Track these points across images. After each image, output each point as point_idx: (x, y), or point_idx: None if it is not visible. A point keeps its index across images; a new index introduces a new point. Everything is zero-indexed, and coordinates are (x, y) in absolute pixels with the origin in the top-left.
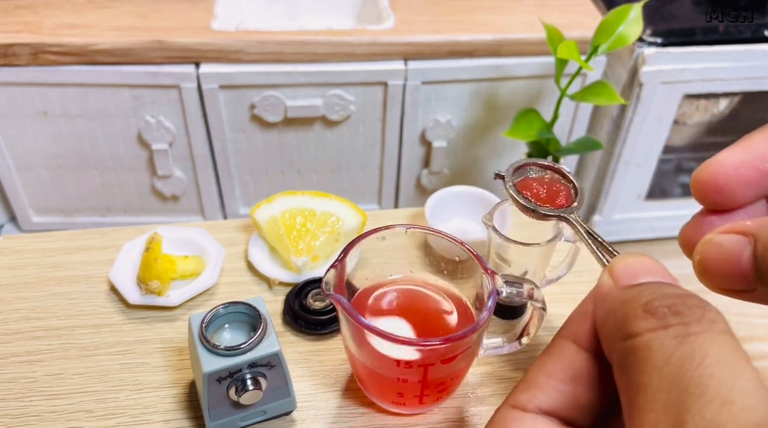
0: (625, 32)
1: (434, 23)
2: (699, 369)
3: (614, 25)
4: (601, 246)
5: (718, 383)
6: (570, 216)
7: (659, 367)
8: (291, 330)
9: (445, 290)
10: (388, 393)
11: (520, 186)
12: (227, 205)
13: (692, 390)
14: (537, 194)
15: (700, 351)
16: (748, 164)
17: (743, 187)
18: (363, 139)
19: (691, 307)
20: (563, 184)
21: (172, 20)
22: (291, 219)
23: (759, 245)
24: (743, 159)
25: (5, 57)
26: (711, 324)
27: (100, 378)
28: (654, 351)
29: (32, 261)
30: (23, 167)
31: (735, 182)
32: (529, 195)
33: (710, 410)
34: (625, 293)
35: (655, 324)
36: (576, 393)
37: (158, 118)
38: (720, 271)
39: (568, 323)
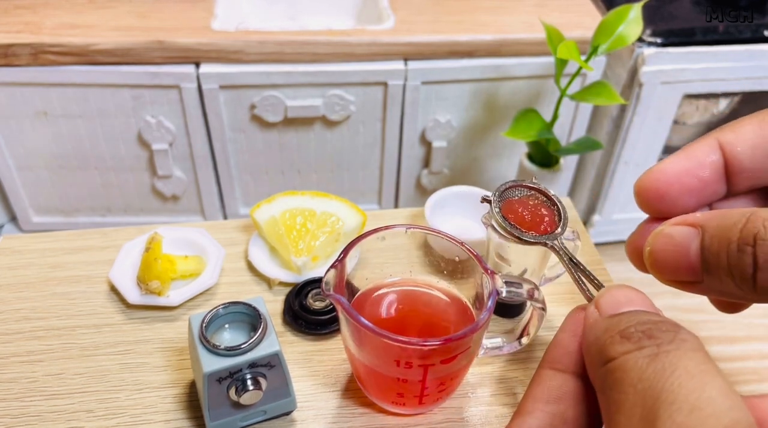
0: (624, 32)
1: (434, 23)
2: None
3: (614, 25)
4: (583, 273)
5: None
6: (554, 243)
7: (634, 384)
8: (291, 330)
9: (445, 290)
10: (388, 393)
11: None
12: (227, 205)
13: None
14: (521, 218)
15: (670, 366)
16: (689, 173)
17: (685, 195)
18: (363, 139)
19: (665, 331)
20: (548, 207)
21: (172, 20)
22: (291, 220)
23: (706, 236)
24: (685, 167)
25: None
26: (682, 343)
27: (100, 378)
28: (629, 371)
29: (32, 262)
30: (23, 167)
31: (677, 190)
32: (513, 219)
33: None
34: (607, 322)
35: (630, 347)
36: (561, 411)
37: (158, 118)
38: (669, 262)
39: (545, 354)
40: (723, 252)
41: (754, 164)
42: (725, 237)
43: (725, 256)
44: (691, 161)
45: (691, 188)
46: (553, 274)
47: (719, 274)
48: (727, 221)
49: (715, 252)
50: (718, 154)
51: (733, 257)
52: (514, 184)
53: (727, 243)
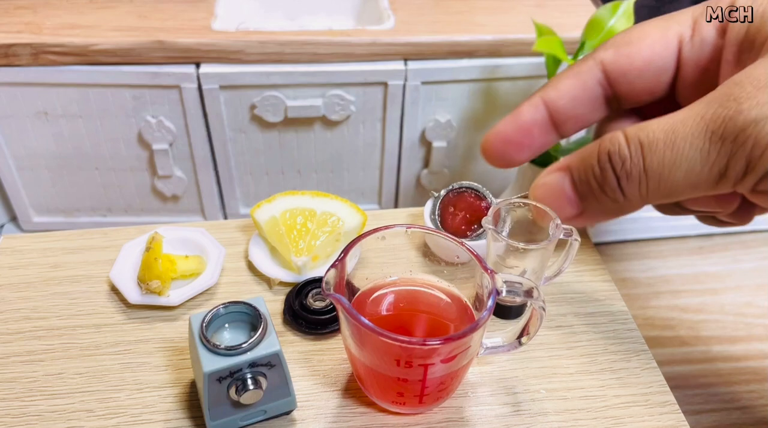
0: (614, 27)
1: (434, 23)
2: None
3: (604, 20)
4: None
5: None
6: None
7: None
8: (291, 329)
9: (445, 290)
10: (388, 393)
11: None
12: (227, 205)
13: None
14: (466, 219)
15: None
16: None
17: (517, 151)
18: (363, 139)
19: None
20: (476, 198)
21: (173, 20)
22: (291, 219)
23: (574, 172)
24: (513, 128)
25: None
26: None
27: (100, 377)
28: None
29: (33, 261)
30: (24, 167)
31: (512, 148)
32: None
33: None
34: None
35: None
36: None
37: (159, 118)
38: (552, 204)
39: None
40: (590, 177)
41: (575, 112)
42: (588, 165)
43: (593, 179)
44: (516, 123)
45: (523, 145)
46: (552, 273)
47: (593, 197)
48: (584, 154)
49: (585, 181)
50: (542, 111)
51: (598, 177)
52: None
53: (591, 169)
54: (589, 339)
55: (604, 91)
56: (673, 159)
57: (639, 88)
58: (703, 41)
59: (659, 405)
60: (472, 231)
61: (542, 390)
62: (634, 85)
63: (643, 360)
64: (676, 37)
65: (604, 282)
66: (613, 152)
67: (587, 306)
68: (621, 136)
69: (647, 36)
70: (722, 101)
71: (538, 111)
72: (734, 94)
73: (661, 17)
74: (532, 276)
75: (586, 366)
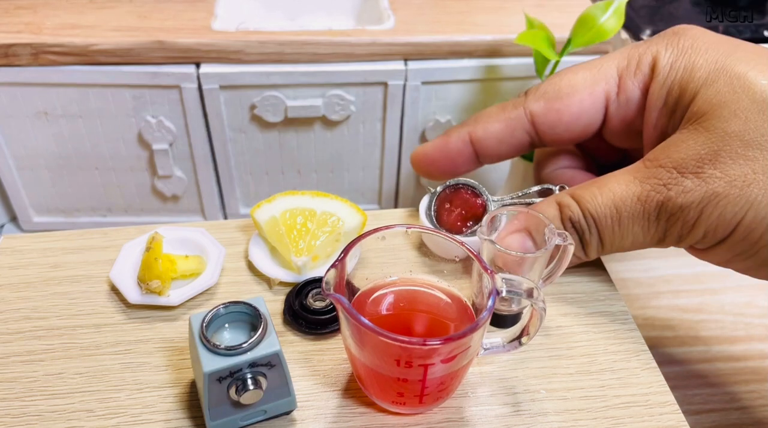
0: (604, 25)
1: (434, 23)
2: None
3: (595, 18)
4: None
5: None
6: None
7: None
8: (291, 329)
9: (445, 290)
10: (388, 393)
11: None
12: (227, 205)
13: None
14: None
15: None
16: (445, 157)
17: (440, 172)
18: (363, 139)
19: None
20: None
21: (173, 20)
22: (291, 219)
23: (535, 236)
24: (439, 154)
25: (6, 57)
26: None
27: (100, 377)
28: None
29: (33, 261)
30: (24, 167)
31: (435, 169)
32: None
33: None
34: None
35: None
36: None
37: (159, 118)
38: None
39: None
40: None
41: (499, 151)
42: None
43: None
44: (446, 150)
45: (447, 168)
46: (546, 275)
47: None
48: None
49: None
50: (468, 146)
51: None
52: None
53: None
54: (589, 339)
55: (530, 137)
56: (621, 233)
57: (565, 138)
58: (628, 100)
59: (659, 405)
60: (467, 228)
61: (542, 391)
62: (561, 136)
63: (643, 360)
64: (603, 94)
65: (604, 282)
66: (574, 220)
67: (587, 306)
68: (576, 206)
69: (576, 92)
70: (654, 185)
71: (465, 145)
72: (663, 179)
73: (589, 66)
74: None
75: (586, 366)
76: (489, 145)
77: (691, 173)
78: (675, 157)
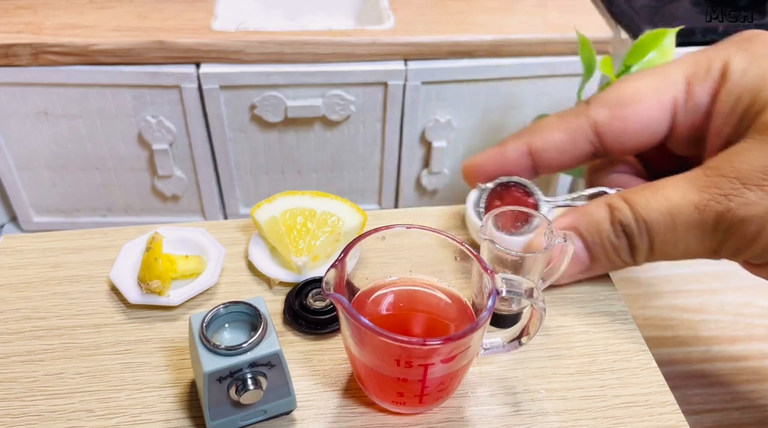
0: (655, 59)
1: (434, 23)
2: None
3: (647, 48)
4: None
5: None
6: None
7: None
8: (291, 329)
9: (445, 290)
10: (388, 393)
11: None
12: (227, 205)
13: None
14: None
15: None
16: (500, 170)
17: (489, 178)
18: (363, 139)
19: None
20: (523, 194)
21: (173, 20)
22: (291, 219)
23: (585, 233)
24: (495, 165)
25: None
26: None
27: (100, 377)
28: None
29: (33, 261)
30: (24, 167)
31: (485, 176)
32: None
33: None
34: None
35: None
36: None
37: (159, 118)
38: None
39: None
40: (606, 242)
41: (559, 162)
42: (603, 229)
43: (608, 244)
44: (502, 161)
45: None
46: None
47: (606, 258)
48: (594, 217)
49: (599, 243)
50: (526, 157)
51: (614, 243)
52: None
53: (607, 234)
54: (589, 339)
55: (593, 147)
56: (674, 241)
57: (631, 147)
58: (696, 106)
59: (659, 405)
60: (516, 228)
61: (542, 390)
62: (626, 145)
63: (643, 360)
64: (670, 100)
65: (604, 282)
66: (625, 224)
67: (587, 306)
68: (628, 210)
69: (642, 98)
70: (714, 195)
71: (523, 156)
72: (724, 189)
73: (652, 72)
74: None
75: (586, 366)
76: (549, 156)
77: (755, 185)
78: (739, 167)
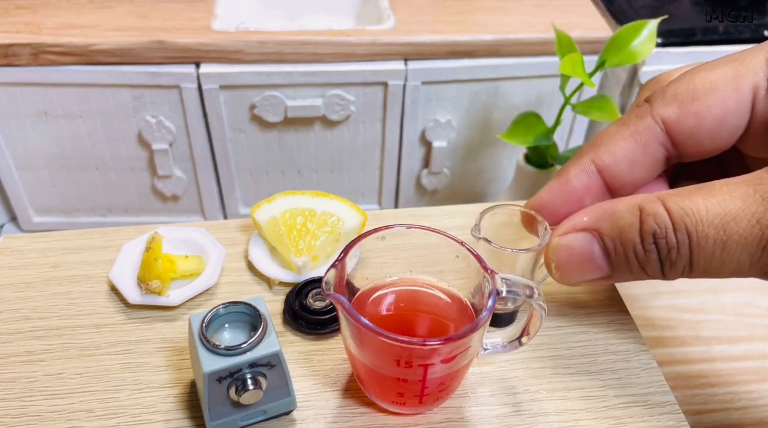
0: (636, 49)
1: (434, 23)
2: None
3: (626, 40)
4: None
5: None
6: None
7: None
8: (291, 330)
9: (445, 290)
10: (388, 393)
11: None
12: (227, 205)
13: None
14: None
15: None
16: (568, 203)
17: (561, 218)
18: (363, 139)
19: None
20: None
21: (173, 20)
22: (291, 219)
23: (606, 239)
24: (562, 198)
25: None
26: None
27: (100, 377)
28: None
29: (33, 261)
30: (24, 167)
31: (561, 216)
32: None
33: None
34: None
35: None
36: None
37: (159, 118)
38: (576, 270)
39: None
40: (630, 253)
41: (632, 177)
42: (628, 239)
43: (633, 256)
44: (568, 190)
45: (565, 214)
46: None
47: (629, 269)
48: (621, 222)
49: (623, 254)
50: (596, 178)
51: (641, 257)
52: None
53: (632, 246)
54: (589, 339)
55: (666, 152)
56: (722, 259)
57: (708, 148)
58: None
59: (659, 406)
60: None
61: (542, 391)
62: (702, 145)
63: (643, 361)
64: (750, 89)
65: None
66: (659, 236)
67: (587, 306)
68: (665, 216)
69: (716, 90)
70: None
71: (591, 178)
72: None
73: (728, 60)
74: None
75: (586, 366)
76: (620, 170)
77: None
78: None
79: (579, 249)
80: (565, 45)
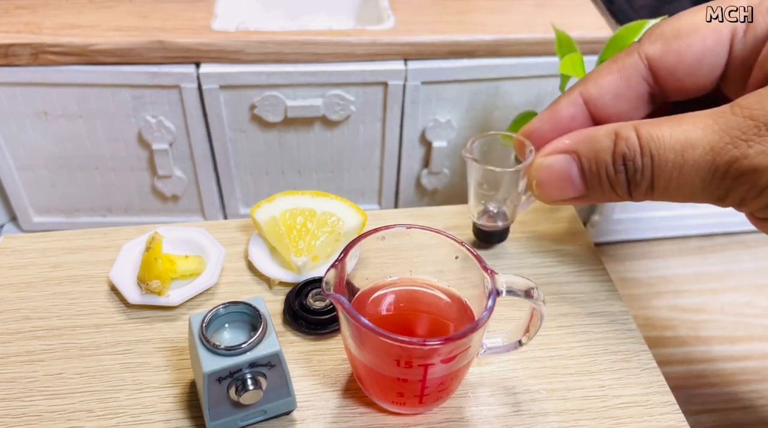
0: None
1: (434, 23)
2: None
3: (626, 40)
4: None
5: None
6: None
7: None
8: (291, 330)
9: (445, 290)
10: (388, 393)
11: None
12: (227, 205)
13: None
14: None
15: None
16: (555, 131)
17: None
18: (363, 139)
19: None
20: None
21: (173, 20)
22: (291, 219)
23: (583, 160)
24: (550, 126)
25: (5, 57)
26: None
27: (100, 377)
28: None
29: (33, 261)
30: (24, 167)
31: (543, 143)
32: None
33: None
34: None
35: None
36: None
37: (159, 118)
38: (555, 188)
39: None
40: (602, 173)
41: (617, 110)
42: (601, 160)
43: (605, 176)
44: (557, 119)
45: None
46: (528, 199)
47: (601, 189)
48: (597, 145)
49: (596, 174)
50: (582, 108)
51: (611, 177)
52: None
53: (605, 166)
54: (589, 339)
55: (649, 88)
56: (679, 182)
57: (688, 85)
58: (756, 38)
59: (659, 406)
60: None
61: (542, 391)
62: (682, 82)
63: (643, 360)
64: (728, 31)
65: (604, 282)
66: (628, 158)
67: (587, 306)
68: (635, 140)
69: (698, 30)
70: (734, 138)
71: (578, 108)
72: (746, 133)
73: (713, 3)
74: (510, 203)
75: (586, 366)
76: (604, 102)
77: None
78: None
79: (558, 169)
80: (565, 45)
